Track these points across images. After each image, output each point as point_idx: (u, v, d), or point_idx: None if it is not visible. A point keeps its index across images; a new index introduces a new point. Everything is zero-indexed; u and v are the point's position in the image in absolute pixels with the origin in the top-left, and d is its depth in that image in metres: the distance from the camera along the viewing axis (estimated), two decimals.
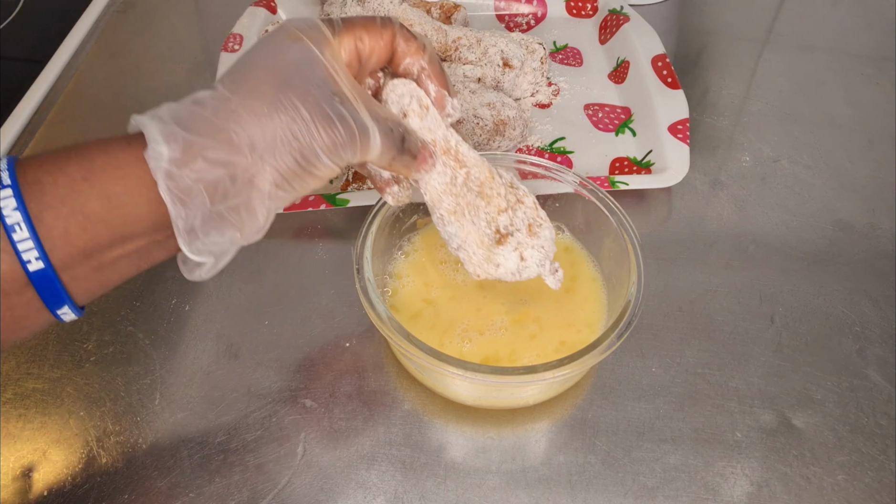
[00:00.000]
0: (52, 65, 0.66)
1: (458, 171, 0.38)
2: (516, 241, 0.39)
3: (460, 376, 0.36)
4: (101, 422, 0.43)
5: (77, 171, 0.27)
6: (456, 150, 0.37)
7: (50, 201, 0.27)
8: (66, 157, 0.28)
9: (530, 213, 0.39)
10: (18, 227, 0.26)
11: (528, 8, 0.72)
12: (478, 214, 0.38)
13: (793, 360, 0.46)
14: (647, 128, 0.59)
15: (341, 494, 0.40)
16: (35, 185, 0.27)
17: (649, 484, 0.41)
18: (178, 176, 0.28)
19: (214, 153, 0.29)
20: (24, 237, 0.26)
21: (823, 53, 0.71)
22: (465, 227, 0.38)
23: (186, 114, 0.30)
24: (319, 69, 0.32)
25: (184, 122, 0.29)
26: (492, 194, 0.38)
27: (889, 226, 0.55)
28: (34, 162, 0.28)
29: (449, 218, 0.38)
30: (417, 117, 0.36)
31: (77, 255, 0.28)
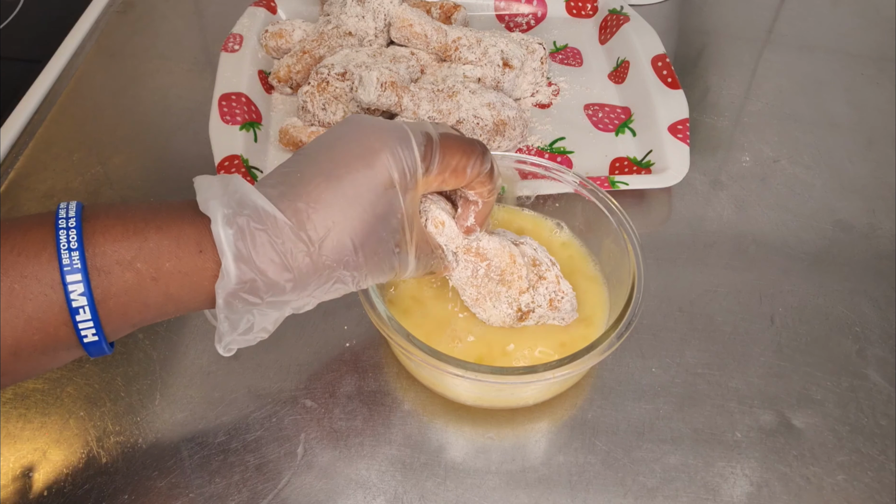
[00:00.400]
0: (52, 65, 0.66)
1: (479, 265, 0.40)
2: (538, 315, 0.41)
3: (460, 376, 0.36)
4: (101, 422, 0.43)
5: (146, 270, 0.29)
6: (476, 248, 0.39)
7: (115, 291, 0.28)
8: (138, 248, 0.28)
9: (552, 288, 0.41)
10: (82, 311, 0.28)
11: (528, 8, 0.72)
12: (499, 299, 0.40)
13: (793, 360, 0.46)
14: (647, 128, 0.59)
15: (341, 494, 0.40)
16: (103, 273, 0.28)
17: (649, 484, 0.41)
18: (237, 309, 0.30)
19: (275, 297, 0.31)
20: (86, 318, 0.28)
21: (823, 53, 0.71)
22: (487, 310, 0.41)
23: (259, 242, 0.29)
24: (395, 221, 0.32)
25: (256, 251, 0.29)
26: (513, 279, 0.40)
27: (889, 226, 0.55)
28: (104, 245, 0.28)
29: (472, 303, 0.41)
30: (433, 229, 0.38)
31: (126, 327, 0.30)
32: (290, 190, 0.30)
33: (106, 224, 0.29)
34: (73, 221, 0.28)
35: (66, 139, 0.60)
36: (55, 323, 0.28)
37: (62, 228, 0.28)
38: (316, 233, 0.30)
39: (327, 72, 0.57)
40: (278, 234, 0.30)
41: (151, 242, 0.29)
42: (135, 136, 0.61)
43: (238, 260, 0.29)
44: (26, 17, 0.77)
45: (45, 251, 0.27)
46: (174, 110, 0.63)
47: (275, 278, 0.30)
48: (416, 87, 0.56)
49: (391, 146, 0.32)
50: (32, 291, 0.27)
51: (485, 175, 0.36)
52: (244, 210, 0.29)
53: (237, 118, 0.57)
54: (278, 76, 0.61)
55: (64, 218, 0.28)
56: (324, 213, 0.30)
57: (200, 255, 0.29)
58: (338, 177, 0.31)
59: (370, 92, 0.53)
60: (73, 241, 0.27)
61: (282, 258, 0.30)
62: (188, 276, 0.29)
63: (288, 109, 0.62)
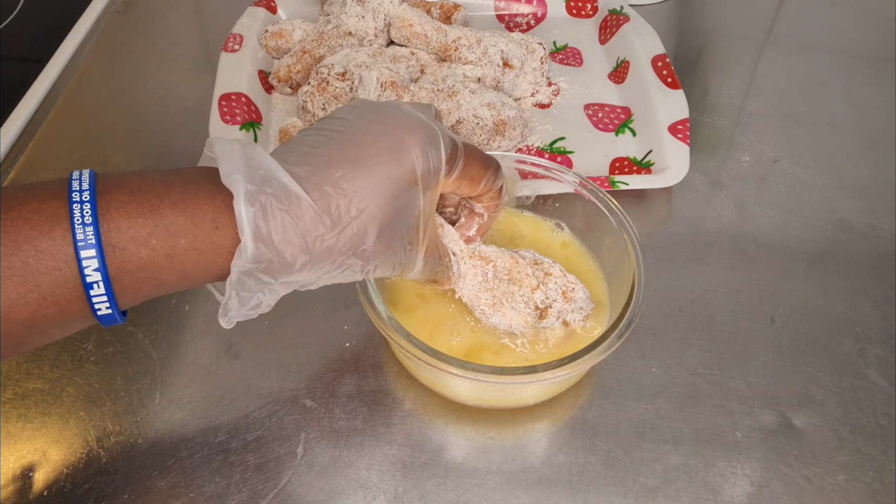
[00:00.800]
0: (52, 65, 0.66)
1: (486, 268, 0.40)
2: (556, 310, 0.41)
3: (460, 376, 0.36)
4: (101, 422, 0.42)
5: (161, 248, 0.28)
6: (479, 252, 0.40)
7: (130, 268, 0.28)
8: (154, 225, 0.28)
9: (560, 282, 0.41)
10: (97, 286, 0.27)
11: (528, 8, 0.72)
12: (514, 299, 0.40)
13: (793, 360, 0.46)
14: (647, 128, 0.59)
15: (341, 494, 0.40)
16: (118, 249, 0.28)
17: (650, 484, 0.41)
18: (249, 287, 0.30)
19: (288, 277, 0.30)
20: (100, 293, 0.28)
21: (823, 53, 0.71)
22: (506, 314, 0.41)
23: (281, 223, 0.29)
24: (413, 218, 0.33)
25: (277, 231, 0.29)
26: (521, 277, 0.40)
27: (889, 226, 0.55)
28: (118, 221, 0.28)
29: (490, 311, 0.41)
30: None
31: (140, 299, 0.30)
32: (316, 172, 0.30)
33: (120, 200, 0.28)
34: (86, 195, 0.27)
35: (66, 139, 0.60)
36: (69, 297, 0.27)
37: (76, 202, 0.27)
38: (339, 219, 0.30)
39: (327, 72, 0.57)
40: (300, 216, 0.29)
41: (167, 220, 0.28)
42: (135, 136, 0.61)
43: (257, 239, 0.29)
44: (26, 17, 0.77)
45: (59, 226, 0.27)
46: (174, 110, 0.63)
47: (290, 260, 0.30)
48: (416, 87, 0.56)
49: (421, 143, 0.32)
50: (47, 267, 0.27)
51: (495, 191, 0.37)
52: (268, 188, 0.29)
53: (237, 118, 0.57)
54: (278, 76, 0.61)
55: (77, 191, 0.27)
56: (349, 201, 0.30)
57: (216, 232, 0.29)
58: (366, 167, 0.31)
59: (370, 92, 0.53)
60: (88, 216, 0.27)
61: (301, 240, 0.29)
62: (203, 253, 0.29)
63: (288, 109, 0.62)
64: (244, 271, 0.29)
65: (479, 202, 0.38)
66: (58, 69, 0.66)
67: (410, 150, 0.32)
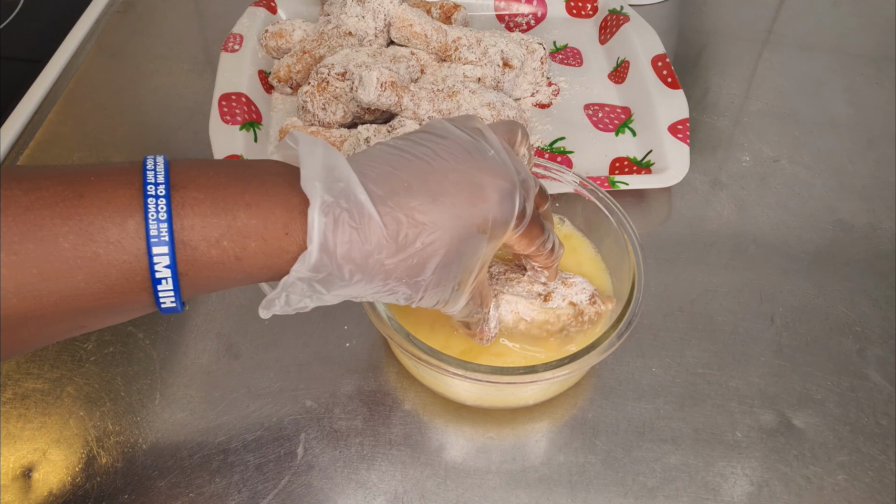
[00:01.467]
0: (52, 65, 0.66)
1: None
2: (560, 294, 0.41)
3: (460, 376, 0.36)
4: (101, 422, 0.43)
5: (231, 249, 0.28)
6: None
7: (199, 266, 0.28)
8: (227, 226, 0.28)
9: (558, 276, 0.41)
10: (165, 281, 0.27)
11: (528, 8, 0.72)
12: (514, 287, 0.41)
13: (793, 360, 0.46)
14: (647, 128, 0.59)
15: (341, 494, 0.40)
16: (190, 247, 0.27)
17: (649, 484, 0.41)
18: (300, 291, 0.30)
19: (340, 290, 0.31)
20: (167, 288, 0.28)
21: (823, 53, 0.71)
22: (510, 301, 0.40)
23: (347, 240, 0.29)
24: (471, 263, 0.33)
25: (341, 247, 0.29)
26: (516, 275, 0.41)
27: (889, 226, 0.55)
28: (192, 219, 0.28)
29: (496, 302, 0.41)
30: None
31: (201, 294, 0.30)
32: (393, 196, 0.30)
33: (195, 197, 0.28)
34: (162, 189, 0.27)
35: (66, 139, 0.60)
36: (135, 289, 0.27)
37: (151, 196, 0.27)
38: (403, 248, 0.30)
39: (327, 72, 0.57)
40: (368, 236, 0.29)
41: (240, 222, 0.28)
42: (135, 136, 0.61)
43: (323, 251, 0.28)
44: (26, 17, 0.77)
45: (133, 219, 0.26)
46: (174, 110, 0.63)
47: (348, 276, 0.30)
48: (416, 87, 0.56)
49: (500, 194, 0.32)
50: (117, 259, 0.26)
51: (547, 252, 0.38)
52: (343, 202, 0.29)
53: (237, 118, 0.57)
54: (278, 76, 0.61)
55: (153, 183, 0.27)
56: (417, 233, 0.30)
57: (286, 238, 0.29)
58: (442, 204, 0.31)
59: (370, 92, 0.53)
60: (163, 212, 0.27)
61: (363, 260, 0.29)
62: (270, 256, 0.29)
63: (288, 109, 0.62)
64: (301, 277, 0.29)
65: (535, 261, 0.39)
66: (58, 69, 0.66)
67: (489, 199, 0.32)
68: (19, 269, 0.25)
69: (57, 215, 0.25)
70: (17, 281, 0.25)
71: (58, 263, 0.25)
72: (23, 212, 0.25)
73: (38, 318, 0.26)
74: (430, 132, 0.33)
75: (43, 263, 0.25)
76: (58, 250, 0.25)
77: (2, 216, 0.25)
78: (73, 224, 0.26)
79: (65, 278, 0.26)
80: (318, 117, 0.57)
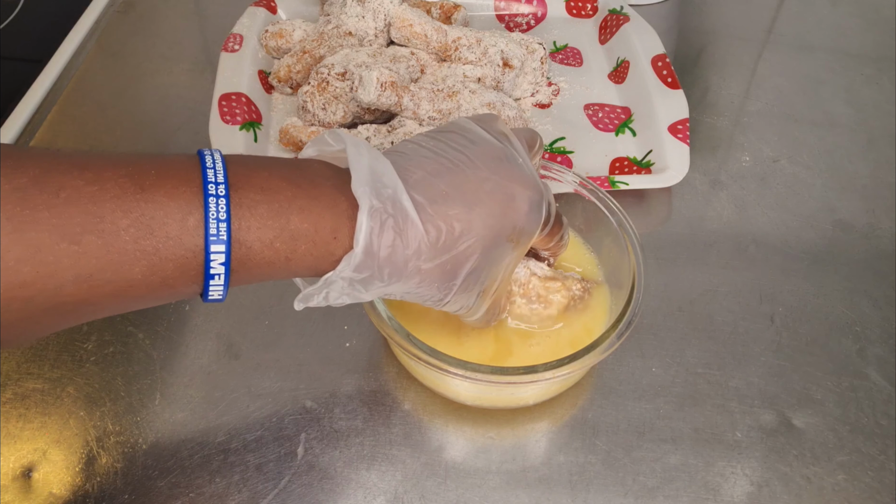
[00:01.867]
0: (52, 65, 0.66)
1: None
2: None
3: (460, 376, 0.36)
4: (101, 422, 0.43)
5: (283, 251, 0.29)
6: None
7: (251, 265, 0.29)
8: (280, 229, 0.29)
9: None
10: (217, 277, 0.28)
11: (528, 8, 0.72)
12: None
13: (793, 360, 0.46)
14: (647, 128, 0.59)
15: (341, 494, 0.40)
16: (245, 247, 0.28)
17: (649, 484, 0.41)
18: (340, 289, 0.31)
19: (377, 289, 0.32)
20: (219, 284, 0.29)
21: (823, 53, 0.71)
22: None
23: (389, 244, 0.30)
24: (496, 270, 0.35)
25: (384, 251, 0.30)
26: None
27: (889, 226, 0.55)
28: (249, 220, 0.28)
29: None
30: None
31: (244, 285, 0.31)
32: (433, 204, 0.32)
33: (252, 199, 0.29)
34: (222, 189, 0.28)
35: (67, 139, 0.60)
36: (187, 282, 0.28)
37: (212, 196, 0.27)
38: (441, 253, 0.32)
39: (327, 72, 0.57)
40: (409, 242, 0.31)
41: (293, 225, 0.29)
42: (135, 136, 0.61)
43: (367, 253, 0.30)
44: (26, 17, 0.77)
45: (193, 216, 0.27)
46: (174, 110, 0.63)
47: (387, 279, 0.31)
48: (416, 87, 0.56)
49: (529, 205, 0.34)
50: (175, 254, 0.27)
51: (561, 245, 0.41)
52: (390, 208, 0.30)
53: (237, 118, 0.57)
54: (278, 76, 0.61)
55: (213, 183, 0.28)
56: (455, 240, 0.32)
57: (334, 242, 0.30)
58: (477, 213, 0.32)
59: (370, 92, 0.53)
60: (223, 212, 0.27)
61: (402, 264, 0.31)
62: (317, 258, 0.30)
63: (288, 109, 0.62)
64: (344, 277, 0.30)
65: (546, 250, 0.41)
66: (58, 69, 0.66)
67: (519, 210, 0.34)
68: (80, 260, 0.25)
69: (119, 208, 0.26)
70: (77, 271, 0.25)
71: (118, 256, 0.26)
72: (86, 203, 0.25)
73: (90, 305, 0.27)
74: (461, 134, 0.35)
75: (103, 255, 0.26)
76: (119, 242, 0.26)
77: (67, 207, 0.25)
78: (134, 217, 0.26)
79: (123, 270, 0.26)
80: (318, 117, 0.57)
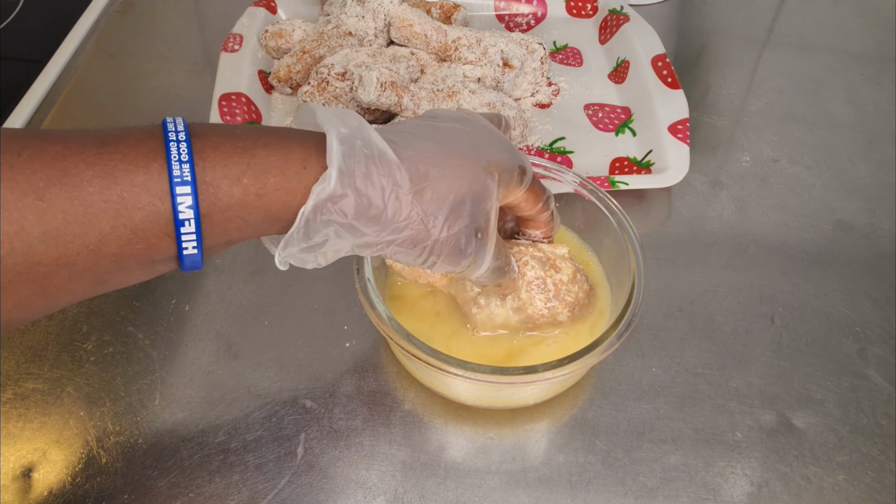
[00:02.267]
0: (52, 65, 0.66)
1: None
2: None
3: (460, 376, 0.36)
4: (101, 422, 0.43)
5: (252, 186, 0.29)
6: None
7: (221, 206, 0.29)
8: (246, 163, 0.29)
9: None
10: (188, 223, 0.28)
11: (528, 8, 0.72)
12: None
13: (793, 360, 0.46)
14: (647, 128, 0.59)
15: (341, 494, 0.40)
16: (212, 187, 0.28)
17: (649, 484, 0.41)
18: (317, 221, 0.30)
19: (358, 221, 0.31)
20: (190, 231, 0.28)
21: (823, 53, 0.71)
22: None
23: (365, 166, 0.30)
24: (485, 207, 0.34)
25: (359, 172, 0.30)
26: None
27: (889, 226, 0.55)
28: (213, 160, 0.28)
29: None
30: None
31: (221, 243, 0.31)
32: (401, 140, 0.32)
33: (215, 141, 0.29)
34: (182, 135, 0.28)
35: None
36: (159, 234, 0.28)
37: (172, 141, 0.28)
38: (417, 179, 0.31)
39: (327, 72, 0.57)
40: (383, 167, 0.31)
41: (259, 158, 0.29)
42: None
43: (340, 174, 0.30)
44: (26, 17, 0.77)
45: (156, 162, 0.27)
46: (174, 110, 0.63)
47: (365, 203, 0.30)
48: (416, 87, 0.56)
49: (499, 145, 0.35)
50: (141, 201, 0.27)
51: (549, 213, 0.40)
52: (358, 137, 0.30)
53: (237, 118, 0.57)
54: (278, 76, 0.61)
55: (173, 131, 0.28)
56: (428, 167, 0.32)
57: (304, 172, 0.30)
58: (449, 149, 0.33)
59: (370, 92, 0.53)
60: (184, 154, 0.28)
61: (379, 189, 0.30)
62: (289, 192, 0.30)
63: (288, 109, 0.62)
64: (321, 200, 0.30)
65: (536, 228, 0.41)
66: (58, 69, 0.66)
67: (490, 143, 0.35)
68: (45, 214, 0.26)
69: (82, 161, 0.26)
70: (43, 226, 0.26)
71: (83, 207, 0.26)
72: (50, 159, 0.26)
73: (64, 267, 0.27)
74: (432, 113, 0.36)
75: (68, 208, 0.26)
76: (84, 194, 0.26)
77: (30, 163, 0.25)
78: (98, 168, 0.26)
79: (90, 223, 0.26)
80: None
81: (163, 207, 0.27)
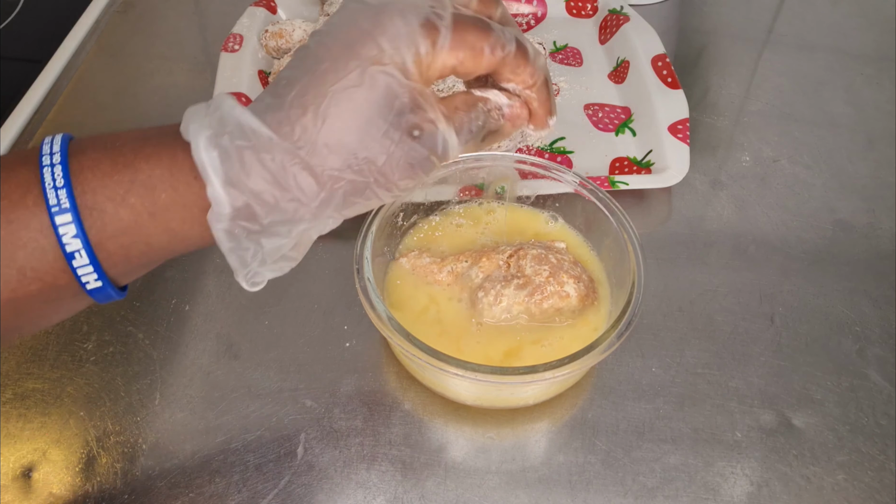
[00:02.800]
0: (52, 65, 0.66)
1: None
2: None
3: (460, 376, 0.36)
4: (101, 422, 0.43)
5: (141, 205, 0.26)
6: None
7: (113, 231, 0.26)
8: (130, 181, 0.26)
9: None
10: (78, 255, 0.25)
11: (528, 8, 0.72)
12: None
13: (793, 360, 0.46)
14: (647, 128, 0.59)
15: (341, 494, 0.40)
16: (96, 211, 0.26)
17: (649, 484, 0.41)
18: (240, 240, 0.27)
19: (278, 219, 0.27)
20: (84, 263, 0.26)
21: (823, 53, 0.71)
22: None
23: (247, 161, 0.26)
24: (399, 102, 0.27)
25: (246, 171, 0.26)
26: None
27: (889, 226, 0.55)
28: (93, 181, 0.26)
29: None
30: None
31: (133, 269, 0.28)
32: (276, 100, 0.27)
33: (93, 158, 0.26)
34: (57, 157, 0.25)
35: None
36: (52, 270, 0.25)
37: (46, 166, 0.25)
38: (304, 139, 0.26)
39: None
40: (268, 149, 0.26)
41: (143, 174, 0.26)
42: None
43: (227, 184, 0.26)
44: (26, 17, 0.77)
45: (31, 193, 0.25)
46: (174, 110, 0.63)
47: (271, 199, 0.26)
48: None
49: (383, 22, 0.27)
50: (21, 238, 0.25)
51: (511, 57, 0.30)
52: (226, 128, 0.26)
53: None
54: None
55: (48, 154, 0.25)
56: (309, 116, 0.26)
57: (196, 182, 0.26)
58: (321, 71, 0.27)
59: None
60: (60, 179, 0.25)
61: (275, 176, 0.26)
62: (187, 207, 0.26)
63: None
64: (226, 223, 0.26)
65: (509, 81, 0.31)
66: (58, 69, 0.66)
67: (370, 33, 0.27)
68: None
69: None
70: None
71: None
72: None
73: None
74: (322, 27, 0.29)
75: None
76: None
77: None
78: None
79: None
80: None
81: (47, 242, 0.25)
